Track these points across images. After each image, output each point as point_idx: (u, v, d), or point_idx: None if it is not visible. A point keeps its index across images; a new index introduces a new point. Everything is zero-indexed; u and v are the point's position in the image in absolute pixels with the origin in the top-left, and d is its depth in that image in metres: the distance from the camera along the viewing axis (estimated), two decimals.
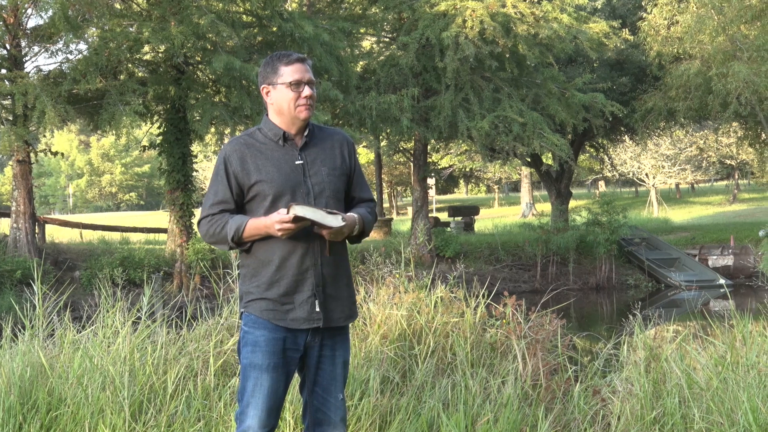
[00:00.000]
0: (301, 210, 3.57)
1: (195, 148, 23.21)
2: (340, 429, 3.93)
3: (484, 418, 5.13)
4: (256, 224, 3.70)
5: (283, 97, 3.80)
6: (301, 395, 4.02)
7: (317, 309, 3.80)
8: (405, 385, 5.84)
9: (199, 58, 19.67)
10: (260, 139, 3.85)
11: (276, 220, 3.61)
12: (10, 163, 19.47)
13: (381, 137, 25.11)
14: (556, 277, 24.41)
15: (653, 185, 47.88)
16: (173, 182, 20.71)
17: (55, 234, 25.96)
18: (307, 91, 3.80)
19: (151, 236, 28.27)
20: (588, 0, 24.09)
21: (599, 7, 28.66)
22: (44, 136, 22.34)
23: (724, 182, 66.08)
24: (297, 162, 3.82)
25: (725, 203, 49.06)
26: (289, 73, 3.79)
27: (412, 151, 25.84)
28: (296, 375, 4.02)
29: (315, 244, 3.77)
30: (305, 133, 3.88)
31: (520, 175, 51.10)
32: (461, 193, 76.80)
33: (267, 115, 3.91)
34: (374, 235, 28.53)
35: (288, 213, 3.58)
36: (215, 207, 3.80)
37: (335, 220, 3.63)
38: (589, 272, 25.06)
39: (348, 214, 3.82)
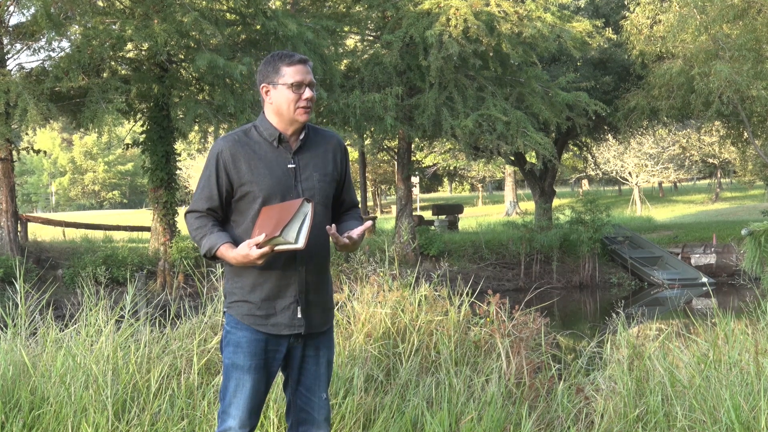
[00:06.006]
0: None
1: (178, 146, 23.17)
2: (324, 429, 3.92)
3: (468, 416, 5.13)
4: (225, 254, 3.67)
5: (284, 98, 3.75)
6: (285, 394, 4.01)
7: (299, 315, 3.77)
8: (389, 383, 5.83)
9: (182, 56, 19.62)
10: (255, 138, 3.80)
11: (243, 254, 3.60)
12: None
13: (365, 136, 25.11)
14: (540, 275, 24.47)
15: (636, 184, 48.04)
16: (157, 180, 20.65)
17: (37, 232, 25.86)
18: (307, 93, 3.76)
19: (135, 234, 28.16)
20: None
21: (582, 6, 28.75)
22: (26, 134, 22.20)
23: (707, 181, 66.26)
24: (289, 166, 3.77)
25: (708, 202, 49.27)
26: (290, 74, 3.74)
27: (396, 150, 25.84)
28: (280, 373, 4.00)
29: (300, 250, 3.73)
30: (301, 136, 3.83)
31: (503, 173, 51.13)
32: (445, 192, 76.77)
33: (264, 113, 3.85)
34: None
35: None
36: (202, 203, 3.77)
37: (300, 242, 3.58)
38: (573, 271, 25.14)
39: (351, 233, 3.77)
